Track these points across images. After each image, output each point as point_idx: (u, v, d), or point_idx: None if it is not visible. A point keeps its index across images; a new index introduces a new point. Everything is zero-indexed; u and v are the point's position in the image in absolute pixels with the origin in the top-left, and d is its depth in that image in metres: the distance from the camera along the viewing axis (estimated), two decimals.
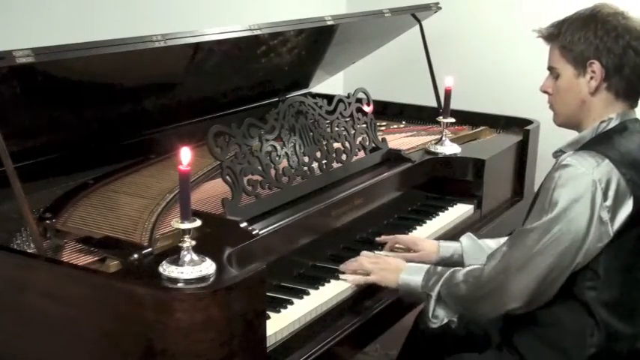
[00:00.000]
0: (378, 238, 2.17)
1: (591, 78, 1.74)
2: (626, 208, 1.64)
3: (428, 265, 1.88)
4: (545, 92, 1.84)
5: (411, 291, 1.85)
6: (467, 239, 2.09)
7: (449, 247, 2.09)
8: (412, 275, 1.86)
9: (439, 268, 1.84)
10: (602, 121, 1.75)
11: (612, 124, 1.75)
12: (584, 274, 1.67)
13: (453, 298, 1.78)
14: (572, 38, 1.75)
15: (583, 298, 1.67)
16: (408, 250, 2.11)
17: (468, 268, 1.80)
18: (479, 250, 2.04)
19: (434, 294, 1.80)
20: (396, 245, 2.14)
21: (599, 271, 1.66)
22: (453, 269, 1.82)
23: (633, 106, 1.78)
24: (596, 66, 1.72)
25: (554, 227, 1.63)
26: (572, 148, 1.77)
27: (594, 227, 1.63)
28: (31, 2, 2.30)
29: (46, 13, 2.34)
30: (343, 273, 1.93)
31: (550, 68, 1.82)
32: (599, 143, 1.71)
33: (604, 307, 1.67)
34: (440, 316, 1.81)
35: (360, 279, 1.91)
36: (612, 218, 1.63)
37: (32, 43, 1.60)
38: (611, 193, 1.63)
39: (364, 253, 1.99)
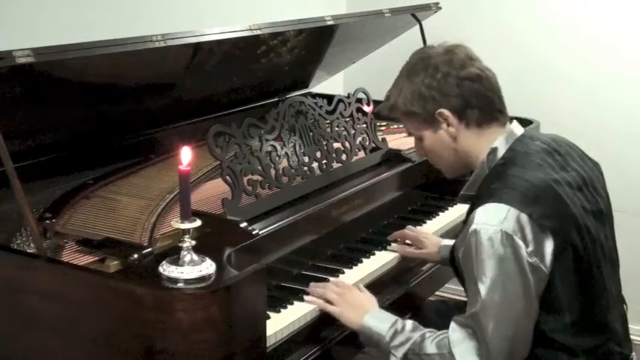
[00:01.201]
0: (389, 237, 2.18)
1: (448, 125, 1.72)
2: (549, 244, 1.60)
3: (395, 317, 1.74)
4: (422, 155, 1.85)
5: (372, 338, 1.73)
6: None
7: (449, 248, 2.09)
8: (377, 322, 1.73)
9: (408, 326, 1.71)
10: (489, 154, 1.72)
11: (500, 153, 1.71)
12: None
13: None
14: (408, 102, 1.74)
15: (542, 332, 1.64)
16: (413, 245, 2.16)
17: (439, 337, 1.67)
18: None
19: (399, 356, 1.69)
20: (405, 241, 2.17)
21: (546, 304, 1.63)
22: (422, 332, 1.70)
23: (505, 121, 1.74)
24: (446, 113, 1.71)
25: (494, 297, 1.57)
26: (472, 189, 1.75)
27: (530, 275, 1.58)
28: (31, 2, 2.30)
29: (46, 13, 2.34)
30: (308, 294, 1.82)
31: (410, 134, 1.82)
32: (496, 184, 1.65)
33: (565, 333, 1.64)
34: None
35: (321, 305, 1.77)
36: (542, 259, 1.59)
37: (32, 43, 1.60)
38: (529, 238, 1.58)
39: (334, 280, 1.88)
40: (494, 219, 1.58)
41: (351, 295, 1.80)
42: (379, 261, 2.07)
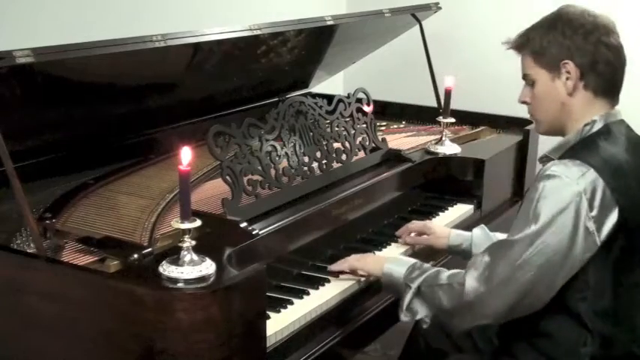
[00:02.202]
0: (399, 241, 2.18)
1: (567, 79, 1.72)
2: (612, 218, 1.61)
3: (415, 260, 1.85)
4: (524, 103, 1.83)
5: (393, 281, 1.82)
6: (479, 230, 2.11)
7: (459, 236, 2.13)
8: (397, 266, 1.83)
9: (425, 265, 1.82)
10: (586, 124, 1.73)
11: (596, 127, 1.72)
12: (574, 285, 1.64)
13: (432, 300, 1.74)
14: (541, 43, 1.74)
15: (575, 310, 1.65)
16: (421, 234, 2.18)
17: (452, 272, 1.75)
18: (489, 243, 2.04)
19: (413, 286, 1.77)
20: (411, 234, 2.18)
21: (589, 281, 1.64)
22: (438, 268, 1.79)
23: (614, 104, 1.76)
24: (570, 66, 1.71)
25: (537, 239, 1.60)
26: (558, 153, 1.75)
27: (580, 238, 1.60)
28: (31, 2, 2.30)
29: (46, 13, 2.34)
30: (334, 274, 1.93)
31: (525, 76, 1.80)
32: (583, 149, 1.68)
33: (597, 317, 1.65)
34: (413, 310, 1.77)
35: (345, 266, 1.90)
36: (599, 228, 1.61)
37: (32, 43, 1.60)
38: (596, 203, 1.60)
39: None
40: (571, 173, 1.61)
41: (370, 254, 1.99)
42: None
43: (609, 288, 1.65)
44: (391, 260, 1.87)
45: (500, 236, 2.03)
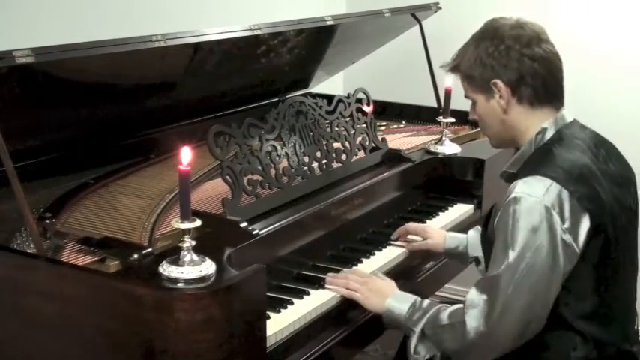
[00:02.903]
0: (392, 236, 2.19)
1: (500, 97, 1.74)
2: (585, 225, 1.62)
3: (415, 297, 1.81)
4: (474, 120, 1.86)
5: (395, 319, 1.80)
6: (473, 232, 2.13)
7: (455, 239, 2.14)
8: (399, 303, 1.80)
9: (425, 303, 1.78)
10: (538, 133, 1.74)
11: (548, 135, 1.73)
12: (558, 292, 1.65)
13: (437, 342, 1.73)
14: (469, 64, 1.77)
15: (561, 315, 1.65)
16: (418, 238, 2.18)
17: (452, 308, 1.72)
18: None
19: (417, 330, 1.75)
20: (408, 236, 2.18)
21: (570, 287, 1.64)
22: (438, 306, 1.76)
23: (559, 107, 1.76)
24: (499, 84, 1.73)
25: (520, 264, 1.60)
26: (516, 166, 1.76)
27: (561, 252, 1.60)
28: (31, 2, 2.30)
29: (46, 13, 2.34)
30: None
31: (466, 97, 1.83)
32: (541, 162, 1.68)
33: (583, 320, 1.65)
34: (422, 353, 1.75)
35: (345, 292, 1.85)
36: (575, 238, 1.61)
37: (32, 43, 1.60)
38: (567, 215, 1.60)
39: (352, 270, 1.95)
40: (535, 191, 1.61)
41: (372, 281, 1.88)
42: (379, 261, 2.07)
43: (591, 291, 1.66)
44: (392, 296, 1.82)
45: None
